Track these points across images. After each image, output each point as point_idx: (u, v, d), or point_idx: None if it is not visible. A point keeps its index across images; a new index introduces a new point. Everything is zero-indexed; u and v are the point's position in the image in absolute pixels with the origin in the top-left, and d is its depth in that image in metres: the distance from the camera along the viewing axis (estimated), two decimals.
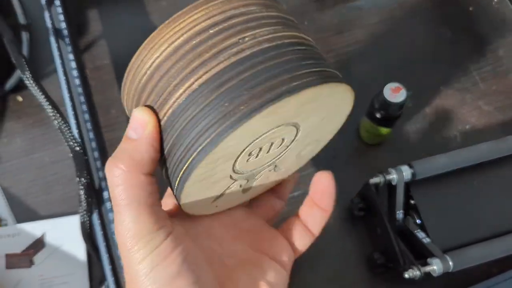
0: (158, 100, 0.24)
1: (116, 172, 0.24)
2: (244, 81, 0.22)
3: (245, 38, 0.23)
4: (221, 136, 0.22)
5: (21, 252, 0.47)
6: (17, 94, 0.54)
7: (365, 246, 0.49)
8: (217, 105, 0.22)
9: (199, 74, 0.23)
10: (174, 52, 0.23)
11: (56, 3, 0.49)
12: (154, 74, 0.24)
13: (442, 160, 0.44)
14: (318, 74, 0.24)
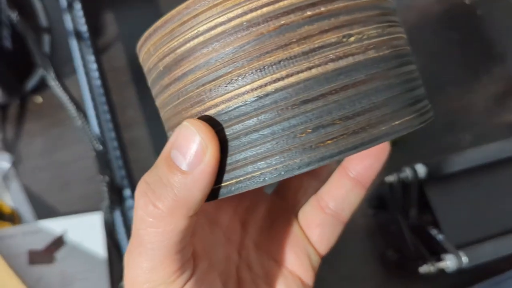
0: (204, 86, 0.18)
1: (151, 212, 0.18)
2: (338, 104, 0.17)
3: (351, 36, 0.17)
4: (289, 172, 0.17)
5: (43, 249, 0.48)
6: (36, 95, 0.56)
7: (379, 243, 0.50)
8: (295, 126, 0.17)
9: (280, 74, 0.17)
10: (248, 27, 0.17)
11: (77, 7, 0.50)
12: (206, 45, 0.17)
13: (455, 159, 0.45)
14: (417, 110, 0.19)
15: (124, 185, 0.43)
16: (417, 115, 0.19)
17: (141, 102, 0.56)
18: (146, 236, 0.19)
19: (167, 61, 0.19)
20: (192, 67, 0.18)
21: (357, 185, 0.26)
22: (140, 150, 0.52)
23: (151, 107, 0.56)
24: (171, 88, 0.19)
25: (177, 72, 0.18)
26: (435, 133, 0.55)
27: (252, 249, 0.27)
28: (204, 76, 0.18)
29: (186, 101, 0.19)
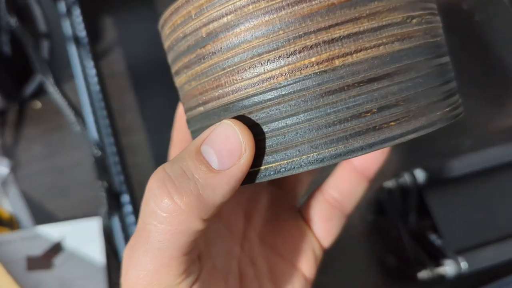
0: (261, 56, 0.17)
1: (167, 206, 0.17)
2: (402, 85, 0.17)
3: (413, 18, 0.17)
4: (349, 154, 0.16)
5: (42, 254, 0.48)
6: (35, 100, 0.56)
7: (378, 249, 0.50)
8: (360, 105, 0.16)
9: (349, 48, 0.16)
10: None
11: (75, 12, 0.50)
12: (269, 11, 0.16)
13: (454, 164, 0.45)
14: (457, 105, 0.19)
15: (122, 190, 0.43)
16: (453, 109, 0.19)
17: (140, 107, 0.56)
18: (156, 233, 0.17)
19: (214, 26, 0.17)
20: (248, 35, 0.17)
21: (362, 177, 0.26)
22: (139, 155, 0.52)
23: (150, 112, 0.57)
24: (215, 57, 0.18)
25: (226, 39, 0.17)
26: (434, 138, 0.55)
27: (256, 243, 0.26)
28: (261, 45, 0.16)
29: (233, 72, 0.17)
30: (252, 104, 0.17)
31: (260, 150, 0.17)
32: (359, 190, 0.27)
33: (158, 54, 0.59)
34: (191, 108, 0.20)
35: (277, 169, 0.17)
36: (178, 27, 0.19)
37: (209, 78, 0.18)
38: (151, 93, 0.57)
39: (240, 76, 0.17)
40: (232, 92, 0.17)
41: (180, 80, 0.21)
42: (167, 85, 0.57)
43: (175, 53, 0.20)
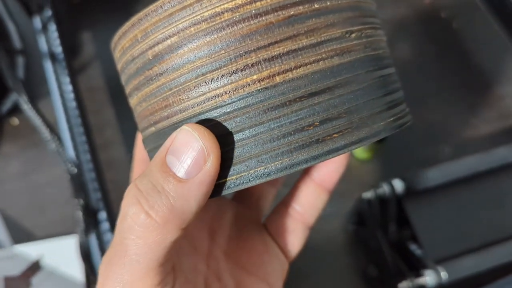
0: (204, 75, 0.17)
1: (143, 221, 0.17)
2: (343, 98, 0.17)
3: (352, 33, 0.17)
4: (295, 166, 0.17)
5: (19, 275, 0.47)
6: (12, 117, 0.55)
7: (359, 260, 0.49)
8: (302, 119, 0.17)
9: (289, 65, 0.16)
10: (257, 15, 0.16)
11: (51, 28, 0.50)
12: (210, 32, 0.17)
13: (433, 172, 0.45)
14: (403, 114, 0.20)
15: (99, 208, 0.43)
16: (401, 116, 0.19)
17: (119, 121, 0.55)
18: (133, 246, 0.17)
19: (159, 48, 0.18)
20: (191, 55, 0.17)
21: (322, 190, 0.27)
22: (117, 170, 0.52)
23: (129, 126, 0.56)
24: (161, 78, 0.18)
25: (171, 60, 0.17)
26: (414, 146, 0.55)
27: (221, 259, 0.26)
28: (205, 65, 0.17)
29: (179, 92, 0.18)
30: (200, 122, 0.17)
31: None
32: (320, 202, 0.27)
33: None
34: (144, 129, 0.20)
35: (227, 185, 0.17)
36: (127, 50, 0.19)
37: (157, 98, 0.18)
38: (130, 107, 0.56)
39: (187, 96, 0.17)
40: (180, 111, 0.18)
41: (132, 101, 0.21)
42: None
43: (126, 75, 0.20)
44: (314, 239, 0.49)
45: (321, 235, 0.49)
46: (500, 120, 0.56)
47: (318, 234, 0.49)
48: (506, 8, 0.54)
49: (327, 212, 0.50)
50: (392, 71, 0.20)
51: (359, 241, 0.50)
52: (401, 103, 0.20)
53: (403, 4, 0.63)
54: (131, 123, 0.55)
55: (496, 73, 0.59)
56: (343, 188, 0.53)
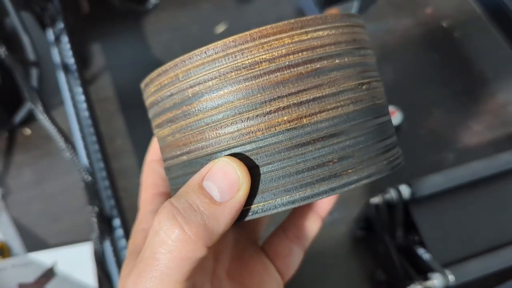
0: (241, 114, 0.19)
1: (177, 236, 0.18)
2: (356, 140, 0.20)
3: (363, 85, 0.21)
4: (316, 196, 0.19)
5: (33, 282, 0.48)
6: (24, 127, 0.56)
7: (367, 264, 0.50)
8: (324, 156, 0.19)
9: (314, 109, 0.19)
10: (290, 66, 0.19)
11: (64, 40, 0.51)
12: (248, 78, 0.19)
13: (439, 178, 0.46)
14: (397, 157, 0.22)
15: (113, 215, 0.44)
16: (392, 159, 0.22)
17: (129, 131, 0.56)
18: (165, 260, 0.19)
19: (200, 88, 0.20)
20: (231, 97, 0.19)
21: (317, 216, 0.29)
22: (128, 178, 0.53)
23: (139, 136, 0.57)
24: (200, 114, 0.20)
25: (212, 98, 0.20)
26: (418, 153, 0.56)
27: (224, 279, 0.27)
28: (242, 105, 0.19)
29: (217, 127, 0.20)
30: (233, 154, 0.20)
31: None
32: (314, 227, 0.29)
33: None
34: (173, 157, 0.22)
35: (255, 210, 0.20)
36: (165, 87, 0.21)
37: (193, 131, 0.21)
38: (140, 117, 0.57)
39: (223, 131, 0.20)
40: (215, 143, 0.20)
41: (163, 132, 0.23)
42: None
43: (160, 108, 0.22)
44: (323, 244, 0.49)
45: (330, 240, 0.50)
46: (503, 127, 0.58)
47: (326, 239, 0.50)
48: (506, 17, 0.56)
49: (335, 217, 0.51)
50: (388, 118, 0.23)
51: (367, 246, 0.51)
52: (395, 147, 0.23)
53: (405, 15, 0.65)
54: (140, 133, 0.56)
55: (498, 81, 0.60)
56: (350, 194, 0.54)
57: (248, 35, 0.19)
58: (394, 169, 0.22)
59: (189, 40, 0.63)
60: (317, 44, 0.19)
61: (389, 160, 0.21)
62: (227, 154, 0.20)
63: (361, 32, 0.22)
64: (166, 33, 0.63)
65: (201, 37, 0.63)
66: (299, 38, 0.19)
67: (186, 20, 0.64)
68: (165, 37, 0.63)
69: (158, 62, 0.61)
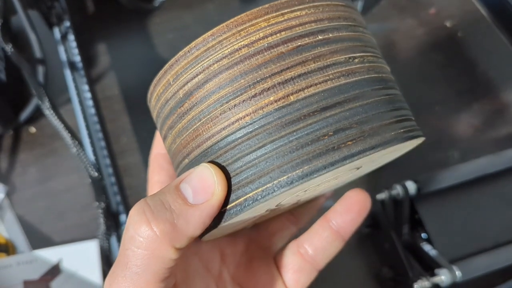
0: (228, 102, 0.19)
1: (144, 233, 0.18)
2: (353, 111, 0.19)
3: (355, 58, 0.20)
4: (315, 172, 0.18)
5: (38, 279, 0.47)
6: (29, 125, 0.56)
7: (373, 262, 0.50)
8: (318, 130, 0.19)
9: (300, 85, 0.19)
10: (269, 47, 0.19)
11: (70, 38, 0.52)
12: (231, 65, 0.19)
13: (445, 174, 0.46)
14: (414, 129, 0.21)
15: (120, 211, 0.44)
16: (405, 130, 0.21)
17: (134, 129, 0.56)
18: (133, 258, 0.19)
19: (188, 87, 0.20)
20: (216, 88, 0.20)
21: (338, 237, 0.28)
22: (134, 176, 0.53)
23: (144, 134, 0.57)
24: (191, 112, 0.20)
25: (199, 94, 0.20)
26: (423, 151, 0.56)
27: (229, 283, 0.27)
28: (227, 94, 0.19)
29: (207, 121, 0.20)
30: (226, 144, 0.19)
31: (239, 183, 0.19)
32: (333, 249, 0.28)
33: (150, 78, 0.60)
34: (179, 163, 0.22)
35: (255, 197, 0.19)
36: (161, 95, 0.22)
37: (189, 131, 0.21)
38: (145, 116, 0.57)
39: (213, 122, 0.20)
40: (208, 138, 0.20)
41: (168, 142, 0.23)
42: None
43: (161, 119, 0.23)
44: None
45: None
46: (507, 125, 0.58)
47: None
48: (510, 17, 0.56)
49: None
50: (397, 92, 0.22)
51: (373, 243, 0.51)
52: (410, 119, 0.22)
53: (409, 15, 0.65)
54: (145, 131, 0.56)
55: (502, 80, 0.61)
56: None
57: (225, 26, 0.19)
58: (412, 139, 0.20)
59: (194, 39, 0.63)
60: (295, 23, 0.19)
61: (402, 130, 0.20)
62: (221, 145, 0.20)
63: (349, 11, 0.21)
64: (171, 33, 0.64)
65: None
66: (275, 20, 0.19)
67: (191, 20, 0.65)
68: (170, 37, 0.63)
69: (163, 62, 0.61)
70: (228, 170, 0.20)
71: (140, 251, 0.18)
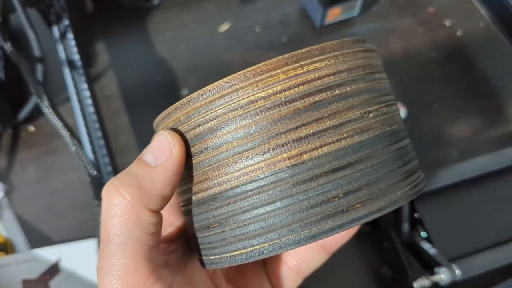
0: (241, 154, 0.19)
1: (115, 200, 0.19)
2: (364, 172, 0.19)
3: (370, 113, 0.20)
4: (322, 234, 0.18)
5: (37, 278, 0.47)
6: (28, 124, 0.56)
7: (372, 260, 0.50)
8: (328, 192, 0.18)
9: (315, 144, 0.19)
10: (286, 102, 0.19)
11: (69, 36, 0.51)
12: (246, 116, 0.19)
13: (445, 173, 0.46)
14: (419, 182, 0.21)
15: None
16: (411, 187, 0.21)
17: (133, 128, 0.56)
18: (112, 228, 0.19)
19: (200, 130, 0.20)
20: (229, 137, 0.19)
21: (323, 250, 0.29)
22: None
23: (143, 133, 0.57)
24: (202, 155, 0.20)
25: (211, 140, 0.20)
26: (422, 150, 0.56)
27: (222, 279, 0.28)
28: (241, 145, 0.19)
29: (218, 167, 0.20)
30: (236, 194, 0.19)
31: (246, 234, 0.20)
32: (318, 260, 0.29)
33: (149, 77, 0.60)
34: (185, 201, 0.23)
35: (261, 250, 0.19)
36: (179, 124, 0.22)
37: (197, 172, 0.21)
38: (143, 114, 0.57)
39: (224, 171, 0.20)
40: (218, 184, 0.20)
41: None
42: (159, 106, 0.58)
43: None
44: None
45: None
46: (506, 124, 0.58)
47: None
48: (509, 16, 0.56)
49: None
50: (407, 142, 0.22)
51: (372, 242, 0.51)
52: (416, 171, 0.22)
53: (408, 14, 0.65)
54: (144, 130, 0.56)
55: (501, 79, 0.61)
56: None
57: (242, 75, 0.19)
58: (416, 195, 0.21)
59: (193, 39, 0.63)
60: (314, 76, 0.19)
61: (408, 187, 0.20)
62: (230, 194, 0.20)
63: (367, 56, 0.21)
64: (170, 32, 0.64)
65: (205, 35, 0.63)
66: (294, 72, 0.19)
67: (190, 19, 0.65)
68: (169, 36, 0.63)
69: (162, 61, 0.61)
70: (237, 220, 0.20)
71: (116, 218, 0.19)
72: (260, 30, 0.64)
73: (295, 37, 0.63)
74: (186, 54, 0.62)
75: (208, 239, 0.21)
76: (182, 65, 0.61)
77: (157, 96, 0.59)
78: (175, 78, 0.60)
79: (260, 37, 0.63)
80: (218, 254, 0.21)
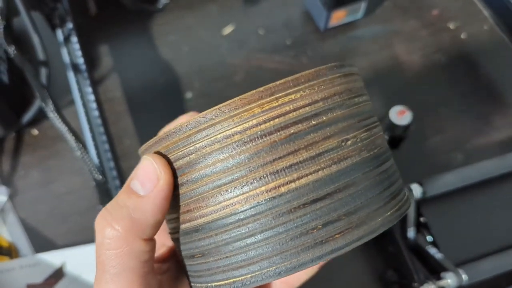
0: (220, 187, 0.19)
1: (108, 233, 0.20)
2: (342, 201, 0.19)
3: (348, 140, 0.19)
4: (302, 266, 0.19)
5: (42, 282, 0.47)
6: (32, 128, 0.56)
7: (377, 265, 0.50)
8: (307, 223, 0.19)
9: (292, 176, 0.19)
10: (262, 136, 0.19)
11: (73, 40, 0.51)
12: (222, 151, 0.19)
13: (451, 177, 0.46)
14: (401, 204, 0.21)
15: None
16: (401, 207, 0.21)
17: (137, 131, 0.56)
18: (107, 260, 0.20)
19: (180, 163, 0.20)
20: (207, 171, 0.19)
21: (287, 286, 0.29)
22: None
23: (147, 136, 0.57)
24: (183, 188, 0.20)
25: (190, 174, 0.20)
26: (427, 154, 0.56)
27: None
28: (219, 178, 0.19)
29: (199, 200, 0.20)
30: (217, 227, 0.20)
31: (228, 266, 0.20)
32: (307, 274, 0.29)
33: (153, 80, 0.60)
34: (172, 229, 0.23)
35: (244, 281, 0.19)
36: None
37: (181, 203, 0.21)
38: (148, 118, 0.57)
39: (205, 204, 0.20)
40: (200, 216, 0.20)
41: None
42: (163, 109, 0.58)
43: None
44: None
45: None
46: (510, 127, 0.58)
47: None
48: None
49: None
50: (389, 164, 0.22)
51: (378, 246, 0.50)
52: (399, 193, 0.22)
53: (412, 16, 0.65)
54: (148, 133, 0.56)
55: (505, 82, 0.61)
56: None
57: (218, 110, 0.19)
58: (399, 218, 0.21)
59: (197, 41, 0.63)
60: (289, 108, 0.19)
61: (389, 212, 0.20)
62: (212, 227, 0.20)
63: (346, 81, 0.21)
64: (173, 34, 0.63)
65: (208, 38, 0.63)
66: (269, 105, 0.19)
67: (193, 22, 0.64)
68: (173, 39, 0.63)
69: (166, 64, 0.61)
70: (219, 252, 0.20)
71: (111, 251, 0.20)
72: (264, 33, 0.63)
73: (299, 40, 0.63)
74: (189, 57, 0.62)
75: (194, 268, 0.21)
76: (186, 68, 0.61)
77: (160, 98, 0.59)
78: (179, 80, 0.60)
79: (263, 40, 0.63)
80: (203, 282, 0.21)
